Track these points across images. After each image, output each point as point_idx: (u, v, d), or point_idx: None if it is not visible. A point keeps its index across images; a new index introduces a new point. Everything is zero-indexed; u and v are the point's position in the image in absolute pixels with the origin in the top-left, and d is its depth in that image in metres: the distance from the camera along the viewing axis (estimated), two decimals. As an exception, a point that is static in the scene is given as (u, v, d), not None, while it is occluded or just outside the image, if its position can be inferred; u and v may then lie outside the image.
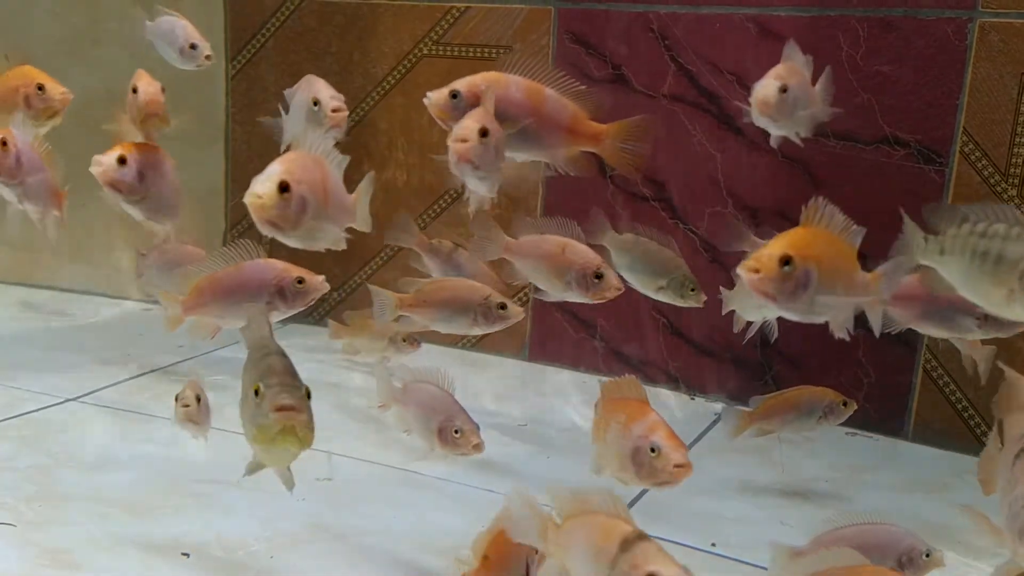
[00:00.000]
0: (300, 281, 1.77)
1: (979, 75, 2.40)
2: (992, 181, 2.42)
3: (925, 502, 2.20)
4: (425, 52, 3.02)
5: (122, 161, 1.94)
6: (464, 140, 1.58)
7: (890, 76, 2.48)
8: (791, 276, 1.34)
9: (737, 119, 2.61)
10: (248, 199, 1.46)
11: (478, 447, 1.86)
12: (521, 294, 2.98)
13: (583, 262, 1.90)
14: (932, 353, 2.51)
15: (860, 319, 1.47)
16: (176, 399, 1.93)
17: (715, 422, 2.57)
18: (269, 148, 3.26)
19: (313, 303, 1.83)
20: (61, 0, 3.39)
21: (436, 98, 1.69)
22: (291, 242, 1.54)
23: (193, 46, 2.29)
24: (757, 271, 1.34)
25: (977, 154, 2.42)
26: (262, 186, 1.45)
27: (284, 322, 3.05)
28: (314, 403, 1.39)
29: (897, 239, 1.38)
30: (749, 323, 1.99)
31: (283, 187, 1.45)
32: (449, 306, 1.96)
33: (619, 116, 1.80)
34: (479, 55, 2.94)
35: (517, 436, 2.47)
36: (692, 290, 1.92)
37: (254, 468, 1.45)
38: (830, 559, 1.17)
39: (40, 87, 2.18)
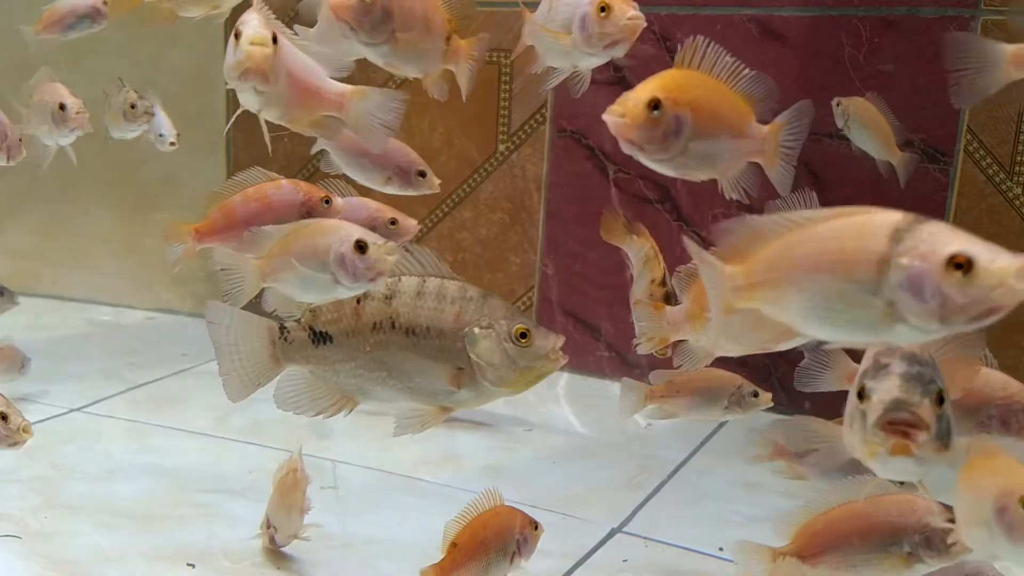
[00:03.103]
0: (393, 222, 1.70)
1: (982, 73, 2.39)
2: (997, 179, 2.41)
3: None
4: (425, 56, 3.01)
5: None
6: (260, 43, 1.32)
7: (893, 75, 2.47)
8: (660, 122, 1.17)
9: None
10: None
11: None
12: (524, 297, 2.97)
13: None
14: (938, 353, 2.50)
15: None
16: None
17: (720, 426, 2.56)
18: (270, 155, 3.27)
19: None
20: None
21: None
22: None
23: None
24: (622, 116, 1.18)
25: (981, 152, 2.42)
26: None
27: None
28: (319, 413, 1.39)
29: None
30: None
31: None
32: (702, 395, 1.87)
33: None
34: (480, 59, 2.93)
35: (522, 441, 2.46)
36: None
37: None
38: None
39: None
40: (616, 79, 2.76)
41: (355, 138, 1.64)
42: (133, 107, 2.28)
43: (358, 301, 1.28)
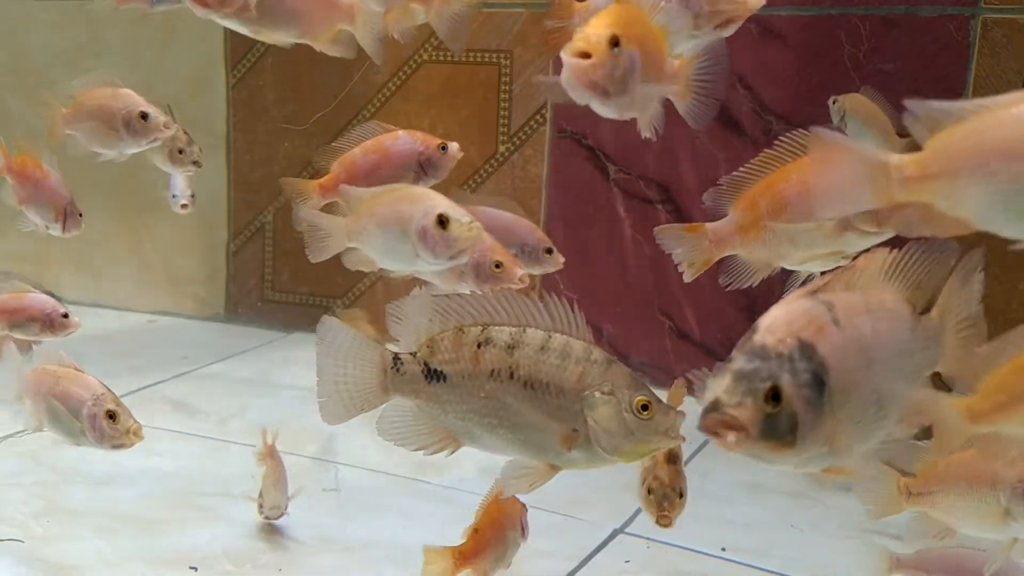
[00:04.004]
0: (498, 266, 1.58)
1: (982, 72, 2.39)
2: (997, 178, 2.41)
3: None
4: (425, 58, 3.01)
5: None
6: None
7: (893, 74, 2.47)
8: (619, 60, 1.11)
9: (742, 121, 2.60)
10: None
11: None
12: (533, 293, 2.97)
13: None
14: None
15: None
16: None
17: (723, 425, 2.56)
18: (271, 156, 3.28)
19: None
20: (62, 12, 3.39)
21: None
22: None
23: None
24: (587, 55, 1.10)
25: (982, 151, 2.41)
26: None
27: (290, 330, 3.04)
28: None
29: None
30: None
31: None
32: None
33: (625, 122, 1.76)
34: (479, 60, 2.93)
35: (524, 442, 2.46)
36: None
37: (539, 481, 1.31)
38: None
39: None
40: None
41: (479, 212, 1.60)
42: (181, 152, 2.16)
43: (479, 346, 1.23)
